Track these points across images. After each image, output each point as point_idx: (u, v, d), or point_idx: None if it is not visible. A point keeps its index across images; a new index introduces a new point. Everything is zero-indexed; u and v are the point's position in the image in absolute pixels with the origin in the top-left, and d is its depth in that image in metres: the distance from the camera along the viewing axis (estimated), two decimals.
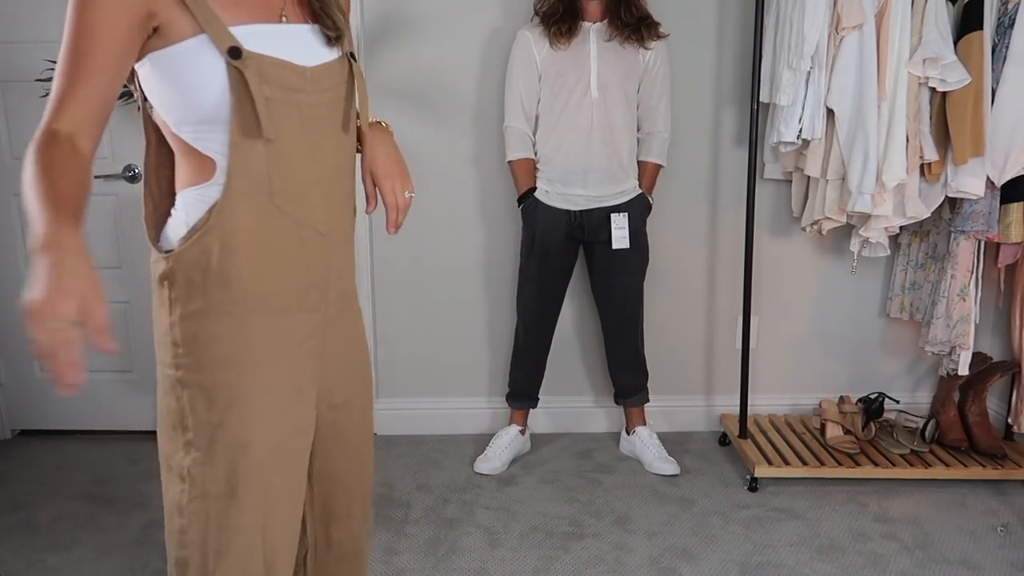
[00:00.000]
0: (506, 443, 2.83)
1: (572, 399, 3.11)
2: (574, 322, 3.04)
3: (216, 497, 1.16)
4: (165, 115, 1.13)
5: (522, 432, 2.89)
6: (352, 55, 1.23)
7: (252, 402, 1.16)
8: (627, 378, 2.84)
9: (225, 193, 1.11)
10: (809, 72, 2.50)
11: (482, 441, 3.00)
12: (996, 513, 2.52)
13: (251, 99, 1.08)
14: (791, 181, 2.90)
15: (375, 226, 2.94)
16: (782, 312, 3.06)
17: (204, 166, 1.13)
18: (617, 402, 2.90)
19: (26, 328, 1.23)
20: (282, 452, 1.20)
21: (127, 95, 2.47)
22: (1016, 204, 2.52)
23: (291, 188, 1.15)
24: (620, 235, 2.60)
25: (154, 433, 3.07)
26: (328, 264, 1.23)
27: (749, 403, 2.88)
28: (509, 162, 2.67)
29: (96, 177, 2.84)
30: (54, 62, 2.51)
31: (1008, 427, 2.81)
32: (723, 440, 3.03)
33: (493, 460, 2.77)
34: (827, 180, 2.60)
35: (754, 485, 2.65)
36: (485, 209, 2.94)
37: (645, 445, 2.82)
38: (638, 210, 2.64)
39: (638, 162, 2.66)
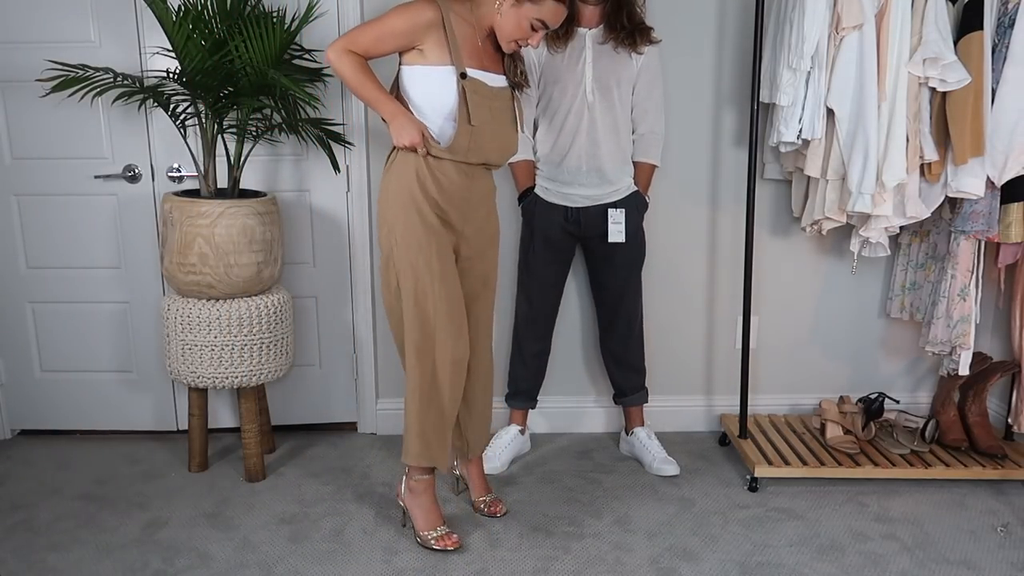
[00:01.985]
0: (506, 443, 2.83)
1: (572, 399, 3.11)
2: (574, 322, 3.04)
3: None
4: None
5: (522, 432, 2.89)
6: (515, 87, 2.27)
7: None
8: (623, 376, 2.85)
9: None
10: (809, 72, 2.50)
11: None
12: (996, 513, 2.52)
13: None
14: (791, 181, 2.90)
15: (375, 229, 2.94)
16: (782, 312, 3.06)
17: None
18: (616, 401, 2.90)
19: (408, 139, 2.11)
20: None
21: (126, 95, 2.47)
22: (1016, 204, 2.52)
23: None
24: (616, 229, 2.65)
25: (154, 433, 3.08)
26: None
27: (749, 403, 2.88)
28: (509, 164, 2.69)
29: (96, 177, 2.85)
30: (54, 62, 2.52)
31: (1008, 427, 2.81)
32: (723, 440, 3.03)
33: (493, 460, 2.77)
34: (827, 180, 2.61)
35: (754, 485, 2.66)
36: None
37: (644, 446, 2.83)
38: (634, 207, 2.68)
39: (634, 162, 2.69)
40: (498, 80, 2.21)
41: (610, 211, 2.64)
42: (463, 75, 2.10)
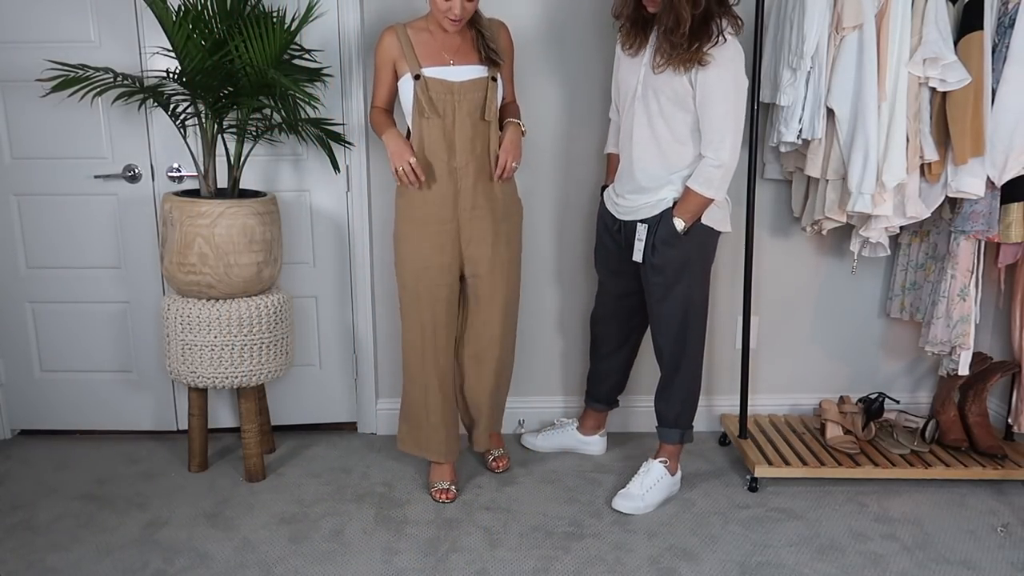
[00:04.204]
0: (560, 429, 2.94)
1: (572, 399, 3.11)
2: (576, 321, 3.04)
3: None
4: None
5: (591, 433, 2.90)
6: (493, 78, 2.39)
7: None
8: (657, 403, 2.64)
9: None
10: (809, 72, 2.50)
11: None
12: (996, 513, 2.52)
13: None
14: (791, 181, 2.90)
15: (375, 229, 2.94)
16: (782, 312, 3.06)
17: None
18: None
19: (392, 166, 2.37)
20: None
21: (126, 95, 2.47)
22: (1016, 204, 2.52)
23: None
24: (637, 247, 2.46)
25: (154, 433, 3.08)
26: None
27: (749, 403, 2.89)
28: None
29: (96, 177, 2.85)
30: (54, 62, 2.52)
31: (1008, 427, 2.81)
32: (723, 440, 3.03)
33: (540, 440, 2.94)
34: (827, 180, 2.61)
35: (754, 485, 2.66)
36: None
37: (639, 474, 2.60)
38: (657, 225, 2.41)
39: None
40: (468, 72, 2.37)
41: (638, 226, 2.45)
42: (417, 76, 2.34)
